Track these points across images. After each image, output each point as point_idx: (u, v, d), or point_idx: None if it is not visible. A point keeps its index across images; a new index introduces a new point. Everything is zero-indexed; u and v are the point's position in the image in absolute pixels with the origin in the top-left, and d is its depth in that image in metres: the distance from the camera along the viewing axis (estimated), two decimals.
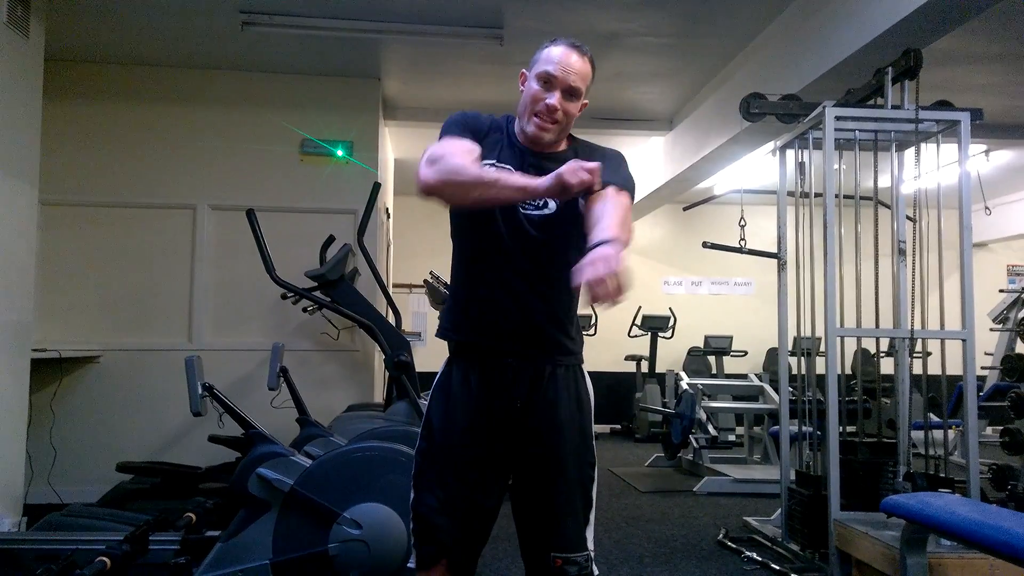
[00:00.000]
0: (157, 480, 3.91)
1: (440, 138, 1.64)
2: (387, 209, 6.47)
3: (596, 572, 1.63)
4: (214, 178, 5.03)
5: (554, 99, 1.61)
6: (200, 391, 2.84)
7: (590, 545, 1.61)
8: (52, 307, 4.70)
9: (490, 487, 1.63)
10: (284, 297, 4.59)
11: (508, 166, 1.62)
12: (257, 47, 4.75)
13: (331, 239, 4.68)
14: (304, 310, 4.73)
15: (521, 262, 1.61)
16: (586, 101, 1.68)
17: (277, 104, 5.13)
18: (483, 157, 1.62)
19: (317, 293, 4.41)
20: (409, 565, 1.63)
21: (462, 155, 1.54)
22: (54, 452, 4.52)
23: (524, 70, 1.70)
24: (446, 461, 1.61)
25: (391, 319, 4.82)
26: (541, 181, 1.46)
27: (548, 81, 1.62)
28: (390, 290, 5.47)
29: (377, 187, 4.80)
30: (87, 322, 4.83)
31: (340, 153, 5.13)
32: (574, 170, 1.42)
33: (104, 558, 2.43)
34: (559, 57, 1.62)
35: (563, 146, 1.70)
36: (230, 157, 5.06)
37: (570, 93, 1.62)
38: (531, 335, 1.62)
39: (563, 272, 1.61)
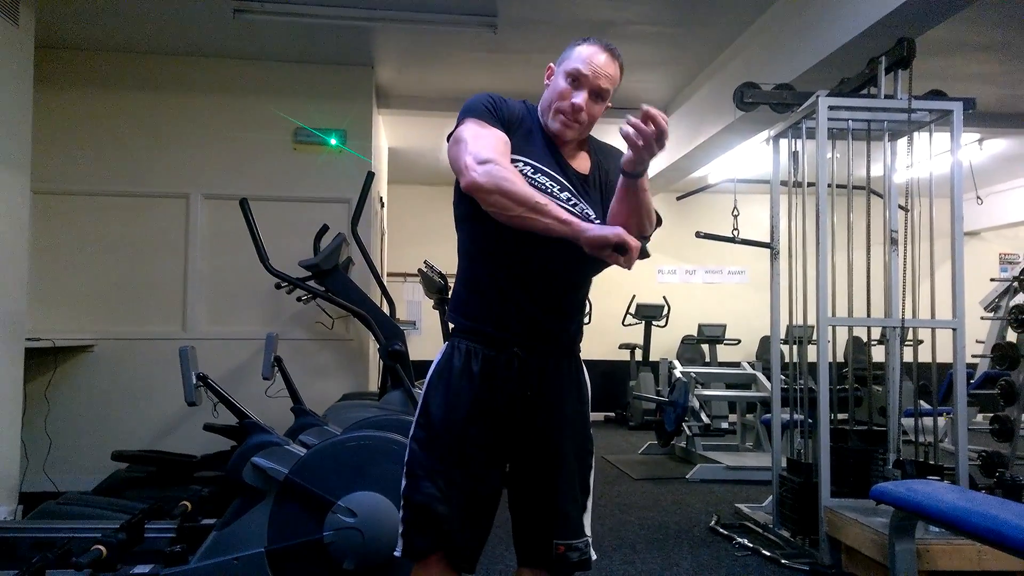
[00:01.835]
0: (152, 469, 3.92)
1: (466, 118, 1.56)
2: (381, 198, 6.46)
3: (594, 556, 1.65)
4: (207, 167, 5.02)
5: (580, 99, 1.57)
6: (194, 381, 2.84)
7: (588, 531, 1.64)
8: (46, 296, 4.70)
9: (491, 476, 1.62)
10: (278, 287, 4.59)
11: (544, 167, 1.59)
12: (249, 35, 4.73)
13: (325, 228, 4.68)
14: (298, 299, 4.73)
15: (545, 263, 1.57)
16: (610, 103, 1.64)
17: (270, 92, 5.11)
18: (516, 148, 1.58)
19: (311, 282, 4.42)
20: (396, 553, 1.60)
21: (510, 165, 1.50)
22: (49, 441, 4.53)
23: (552, 64, 1.66)
24: (446, 450, 1.58)
25: (385, 308, 4.83)
26: (587, 231, 1.42)
27: (577, 79, 1.57)
28: (384, 279, 5.47)
29: (371, 176, 4.79)
30: (81, 311, 4.83)
31: (333, 142, 5.11)
32: (624, 243, 1.40)
33: (100, 546, 2.44)
34: (590, 56, 1.58)
35: (584, 150, 1.68)
36: (223, 146, 5.04)
37: (597, 95, 1.59)
38: (544, 329, 1.62)
39: (587, 273, 1.66)
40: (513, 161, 1.55)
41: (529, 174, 1.56)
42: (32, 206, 3.86)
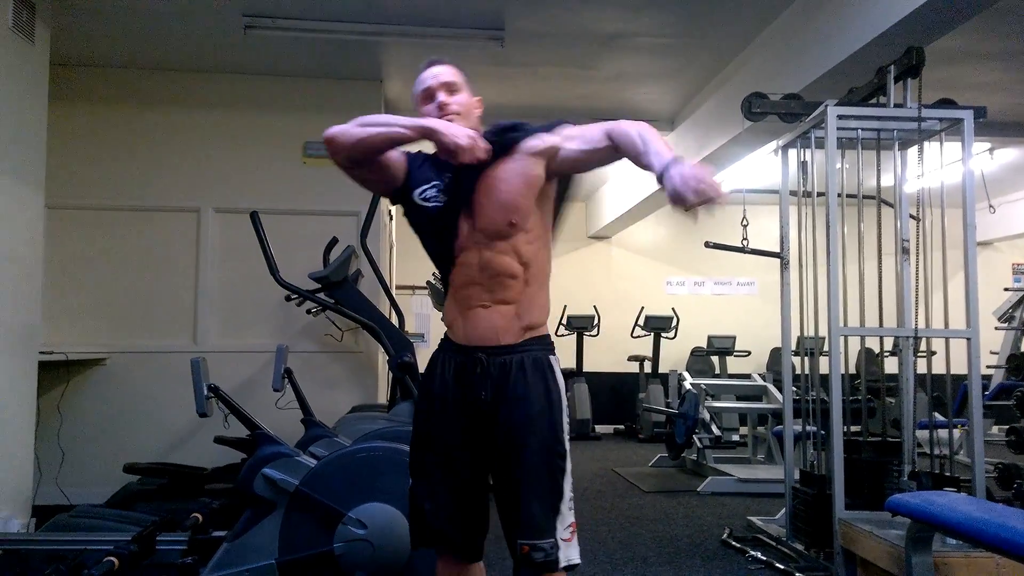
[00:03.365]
0: (163, 481, 3.92)
1: None
2: (390, 211, 6.47)
3: (573, 560, 1.66)
4: (218, 181, 5.05)
5: (440, 97, 1.74)
6: (206, 392, 2.85)
7: (560, 534, 1.65)
8: (59, 310, 4.73)
9: (471, 474, 1.73)
10: (288, 299, 4.60)
11: (436, 182, 1.75)
12: (260, 50, 4.77)
13: (334, 241, 4.70)
14: (308, 312, 4.74)
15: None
16: (478, 97, 1.81)
17: (280, 107, 5.15)
18: (417, 183, 1.76)
19: (321, 295, 4.43)
20: None
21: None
22: (62, 453, 4.54)
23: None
24: (428, 449, 1.75)
25: (394, 320, 4.83)
26: (415, 120, 1.67)
27: (427, 94, 1.76)
28: (393, 291, 5.48)
29: None
30: (93, 324, 4.86)
31: None
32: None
33: (112, 558, 2.44)
34: (423, 76, 1.78)
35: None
36: (234, 160, 5.08)
37: (448, 88, 1.75)
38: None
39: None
40: (423, 191, 1.76)
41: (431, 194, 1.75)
42: (46, 221, 3.88)
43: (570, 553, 1.66)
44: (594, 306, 8.45)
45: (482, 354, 1.70)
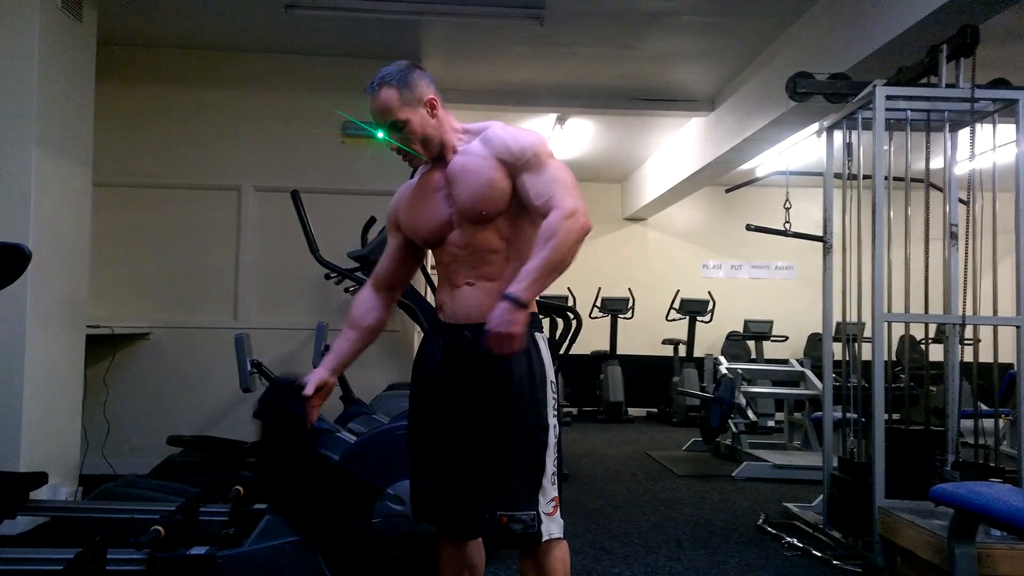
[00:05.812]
0: (204, 454, 4.01)
1: None
2: None
3: (555, 535, 1.68)
4: (259, 160, 5.11)
5: (395, 145, 1.83)
6: (249, 368, 2.90)
7: (543, 507, 1.67)
8: (105, 285, 4.82)
9: (465, 452, 1.75)
10: (327, 277, 4.65)
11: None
12: (300, 30, 4.79)
13: (372, 220, 4.72)
14: (346, 290, 4.79)
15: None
16: (429, 97, 1.81)
17: (320, 86, 5.17)
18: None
19: (359, 273, 4.46)
20: None
21: (362, 297, 1.99)
22: (107, 425, 4.66)
23: None
24: (419, 427, 1.82)
25: (430, 299, 4.86)
26: None
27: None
28: (429, 271, 5.51)
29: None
30: (138, 300, 4.96)
31: (381, 135, 5.14)
32: None
33: (159, 527, 2.50)
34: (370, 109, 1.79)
35: (449, 157, 1.85)
36: (274, 139, 5.12)
37: (392, 128, 1.80)
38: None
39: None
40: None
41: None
42: (93, 198, 3.96)
43: (551, 527, 1.68)
44: (629, 288, 8.41)
45: (467, 331, 1.73)
